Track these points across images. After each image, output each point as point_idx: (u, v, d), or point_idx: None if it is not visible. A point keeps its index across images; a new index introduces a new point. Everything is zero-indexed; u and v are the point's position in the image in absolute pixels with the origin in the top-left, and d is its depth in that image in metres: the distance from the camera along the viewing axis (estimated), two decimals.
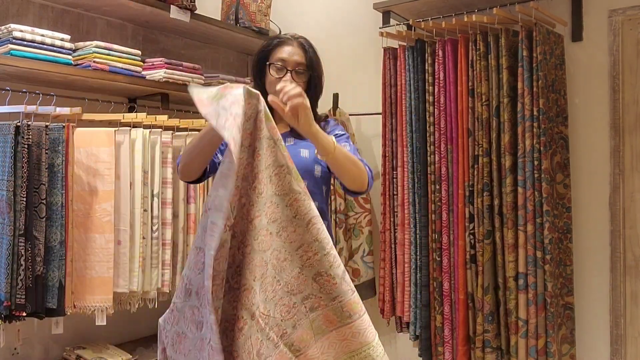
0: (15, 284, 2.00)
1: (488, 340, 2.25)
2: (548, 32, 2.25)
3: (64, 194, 2.12)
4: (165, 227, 2.47)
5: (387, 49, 2.61)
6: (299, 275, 1.40)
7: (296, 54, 1.77)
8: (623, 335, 2.29)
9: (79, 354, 2.42)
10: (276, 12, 3.28)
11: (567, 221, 2.31)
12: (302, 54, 1.78)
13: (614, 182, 2.31)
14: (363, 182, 1.66)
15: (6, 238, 1.99)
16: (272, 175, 1.40)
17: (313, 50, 1.81)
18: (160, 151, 2.45)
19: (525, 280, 2.18)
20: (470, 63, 2.32)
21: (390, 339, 2.93)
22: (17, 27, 2.13)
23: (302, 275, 1.41)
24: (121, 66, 2.44)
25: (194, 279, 1.41)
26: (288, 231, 1.40)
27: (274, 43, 1.81)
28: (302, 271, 1.41)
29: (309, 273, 1.41)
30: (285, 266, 1.39)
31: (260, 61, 1.82)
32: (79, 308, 2.22)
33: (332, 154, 1.55)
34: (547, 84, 2.20)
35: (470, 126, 2.31)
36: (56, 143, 2.12)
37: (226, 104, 1.33)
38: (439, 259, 2.40)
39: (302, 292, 1.41)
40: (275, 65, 1.77)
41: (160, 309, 2.78)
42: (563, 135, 2.33)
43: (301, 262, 1.41)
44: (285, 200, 1.40)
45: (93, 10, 2.66)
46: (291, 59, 1.76)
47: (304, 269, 1.41)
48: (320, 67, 1.84)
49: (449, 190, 2.38)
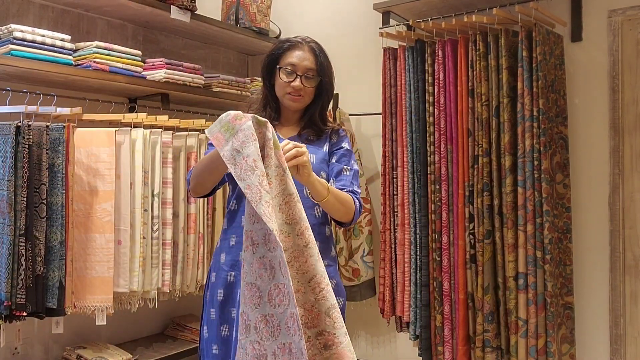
0: (15, 284, 2.00)
1: (488, 340, 2.25)
2: (548, 32, 2.25)
3: (64, 194, 2.12)
4: (166, 227, 2.47)
5: (387, 49, 2.62)
6: (312, 309, 1.40)
7: (306, 59, 1.77)
8: (623, 335, 2.29)
9: (80, 354, 2.42)
10: (276, 12, 3.28)
11: (566, 221, 2.31)
12: (312, 59, 1.77)
13: (614, 182, 2.31)
14: (349, 218, 1.76)
15: (7, 238, 1.99)
16: (282, 203, 1.42)
17: (324, 55, 1.81)
18: (161, 151, 2.46)
19: (525, 280, 2.18)
20: (470, 63, 2.32)
21: (390, 338, 2.93)
22: (18, 28, 2.13)
23: (315, 309, 1.40)
24: (121, 66, 2.44)
25: (251, 314, 1.42)
26: (300, 261, 1.41)
27: (285, 46, 1.80)
28: (315, 305, 1.40)
29: (322, 307, 1.40)
30: (299, 298, 1.40)
31: (271, 64, 1.82)
32: (79, 308, 2.22)
33: (325, 197, 1.62)
34: (546, 84, 2.21)
35: (470, 126, 2.31)
36: (57, 143, 2.12)
37: (237, 144, 1.37)
38: (439, 259, 2.40)
39: (317, 326, 1.41)
40: (286, 70, 1.76)
41: (161, 309, 2.82)
42: (563, 135, 2.33)
43: (314, 294, 1.40)
44: (296, 229, 1.41)
45: (93, 11, 2.66)
46: (301, 64, 1.76)
47: (316, 302, 1.40)
48: (331, 71, 1.83)
49: (449, 190, 2.38)
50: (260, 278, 1.40)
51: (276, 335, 1.38)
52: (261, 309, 1.39)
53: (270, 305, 1.38)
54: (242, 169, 1.35)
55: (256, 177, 1.34)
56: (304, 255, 1.41)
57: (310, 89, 1.77)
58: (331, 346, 1.41)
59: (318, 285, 1.41)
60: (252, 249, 1.40)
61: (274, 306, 1.38)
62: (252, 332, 1.42)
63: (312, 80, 1.77)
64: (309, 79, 1.77)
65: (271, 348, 1.37)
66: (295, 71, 1.75)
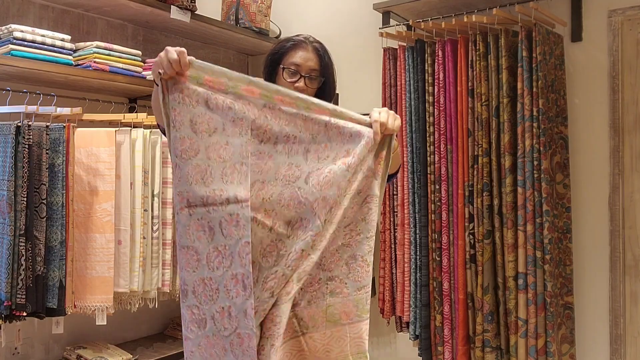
0: (15, 284, 2.00)
1: (488, 339, 2.25)
2: (548, 32, 2.26)
3: (64, 194, 2.12)
4: (166, 227, 2.47)
5: (387, 49, 2.62)
6: (335, 252, 1.40)
7: (310, 60, 1.74)
8: (622, 335, 2.29)
9: (80, 354, 2.42)
10: (276, 12, 3.28)
11: (566, 221, 2.31)
12: (316, 59, 1.75)
13: (614, 182, 2.31)
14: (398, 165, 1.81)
15: (7, 238, 1.99)
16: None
17: (328, 55, 1.79)
18: (161, 151, 2.46)
19: (525, 280, 2.18)
20: (470, 63, 2.32)
21: (390, 338, 2.93)
22: (18, 28, 2.14)
23: (338, 254, 1.40)
24: (121, 66, 2.44)
25: (188, 278, 1.40)
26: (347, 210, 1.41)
27: (288, 46, 1.77)
28: (339, 250, 1.40)
29: (344, 254, 1.41)
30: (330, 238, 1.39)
31: (273, 63, 1.79)
32: (79, 308, 2.22)
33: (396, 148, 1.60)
34: (546, 84, 2.21)
35: (470, 126, 2.31)
36: (57, 143, 2.12)
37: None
38: (438, 259, 2.40)
39: (331, 271, 1.40)
40: (289, 70, 1.74)
41: (161, 309, 2.81)
42: (563, 135, 2.33)
43: (344, 239, 1.41)
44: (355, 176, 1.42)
45: (93, 11, 2.66)
46: (305, 64, 1.73)
47: (342, 247, 1.41)
48: (334, 71, 1.82)
49: (448, 190, 2.38)
50: (198, 240, 1.37)
51: (215, 298, 1.36)
52: (199, 272, 1.37)
53: (209, 268, 1.36)
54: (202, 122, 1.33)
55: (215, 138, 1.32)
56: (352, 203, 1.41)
57: (312, 89, 1.77)
58: (338, 294, 1.41)
59: (350, 232, 1.41)
60: (189, 210, 1.37)
61: (212, 269, 1.36)
62: (190, 297, 1.40)
63: (316, 81, 1.76)
64: (313, 79, 1.75)
65: (210, 312, 1.35)
66: (299, 71, 1.74)
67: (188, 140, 1.36)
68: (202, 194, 1.35)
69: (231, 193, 1.34)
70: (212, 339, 1.37)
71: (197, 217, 1.36)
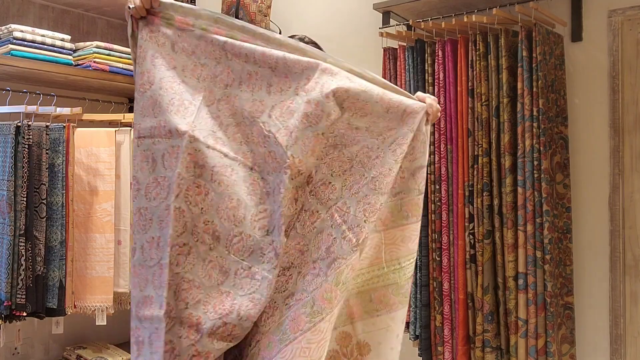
0: (15, 284, 2.00)
1: (488, 340, 2.25)
2: (548, 32, 2.25)
3: (64, 194, 2.12)
4: None
5: (387, 49, 2.62)
6: (389, 172, 1.35)
7: None
8: (623, 335, 2.29)
9: (79, 354, 2.42)
10: (276, 12, 3.28)
11: (566, 221, 2.31)
12: None
13: (614, 182, 2.31)
14: None
15: (7, 238, 1.99)
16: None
17: None
18: None
19: (525, 280, 2.18)
20: (470, 63, 2.32)
21: None
22: (18, 28, 2.14)
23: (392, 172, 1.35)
24: (121, 66, 2.44)
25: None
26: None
27: None
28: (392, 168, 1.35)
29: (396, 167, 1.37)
30: (376, 163, 1.35)
31: None
32: (79, 308, 2.23)
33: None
34: (546, 84, 2.21)
35: (470, 126, 2.31)
36: (56, 143, 2.12)
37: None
38: (438, 259, 2.40)
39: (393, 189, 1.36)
40: None
41: None
42: (563, 135, 2.33)
43: (394, 156, 1.36)
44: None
45: (93, 11, 2.66)
46: None
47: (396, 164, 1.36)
48: None
49: (448, 190, 2.38)
50: (140, 171, 1.37)
51: (147, 228, 1.35)
52: (137, 202, 1.37)
53: (146, 198, 1.36)
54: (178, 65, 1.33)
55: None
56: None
57: None
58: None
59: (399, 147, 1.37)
60: (137, 142, 1.38)
61: (149, 199, 1.36)
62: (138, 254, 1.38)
63: None
64: None
65: (140, 241, 1.35)
66: None
67: (147, 73, 1.36)
68: (150, 124, 1.36)
69: (173, 125, 1.34)
70: (137, 268, 1.36)
71: (144, 148, 1.37)
